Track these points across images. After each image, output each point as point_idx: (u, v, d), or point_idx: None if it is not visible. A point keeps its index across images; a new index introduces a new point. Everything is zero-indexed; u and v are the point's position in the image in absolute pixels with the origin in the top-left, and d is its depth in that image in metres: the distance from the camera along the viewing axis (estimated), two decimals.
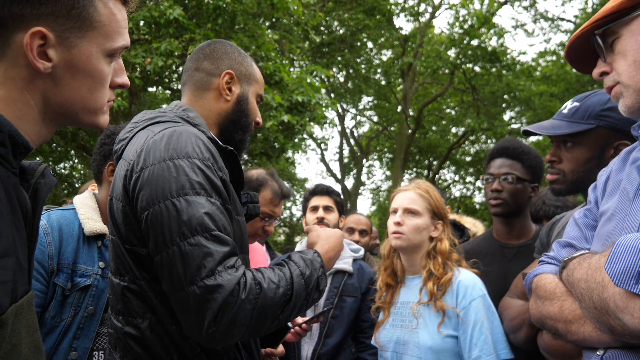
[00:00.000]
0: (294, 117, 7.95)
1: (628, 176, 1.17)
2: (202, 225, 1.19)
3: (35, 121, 0.89)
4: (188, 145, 1.27)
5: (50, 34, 0.84)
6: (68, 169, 14.61)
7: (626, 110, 1.16)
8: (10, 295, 0.77)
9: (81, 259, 1.84)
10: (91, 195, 2.03)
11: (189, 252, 1.17)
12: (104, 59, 0.92)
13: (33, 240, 0.91)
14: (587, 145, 1.68)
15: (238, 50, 1.63)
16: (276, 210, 2.52)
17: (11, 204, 0.81)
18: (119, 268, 1.35)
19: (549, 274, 1.25)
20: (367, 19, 13.44)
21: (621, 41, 1.13)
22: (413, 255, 2.05)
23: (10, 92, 0.85)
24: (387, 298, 2.08)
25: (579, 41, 1.24)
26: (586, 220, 1.29)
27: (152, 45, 7.37)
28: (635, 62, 1.10)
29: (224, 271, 1.18)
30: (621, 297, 0.95)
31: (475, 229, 3.47)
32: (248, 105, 1.59)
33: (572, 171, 1.71)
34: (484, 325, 1.82)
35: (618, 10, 1.12)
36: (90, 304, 1.81)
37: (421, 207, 2.03)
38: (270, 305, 1.23)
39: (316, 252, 1.42)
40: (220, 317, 1.16)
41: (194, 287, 1.16)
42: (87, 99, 0.92)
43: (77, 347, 1.79)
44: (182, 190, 1.21)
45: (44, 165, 0.95)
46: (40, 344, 0.89)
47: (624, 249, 0.95)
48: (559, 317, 1.14)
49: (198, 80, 1.56)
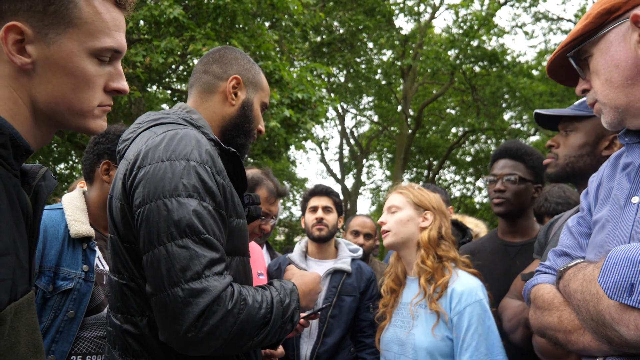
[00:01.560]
0: (295, 114, 7.95)
1: (619, 184, 1.18)
2: (191, 228, 1.19)
3: (29, 121, 0.89)
4: (187, 148, 1.27)
5: (27, 29, 0.84)
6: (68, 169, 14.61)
7: (608, 126, 1.18)
8: (10, 293, 0.77)
9: (65, 261, 1.79)
10: (80, 195, 1.99)
11: (175, 253, 1.16)
12: (87, 58, 0.90)
13: (34, 241, 0.91)
14: (584, 132, 1.74)
15: (247, 57, 1.65)
16: (272, 209, 2.52)
17: (12, 204, 0.81)
18: (117, 266, 1.35)
19: (546, 284, 1.25)
20: (367, 19, 13.44)
21: (593, 60, 1.16)
22: (408, 252, 2.05)
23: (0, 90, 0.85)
24: (390, 302, 2.09)
25: (558, 61, 1.27)
26: (580, 229, 1.29)
27: (153, 44, 7.37)
28: (607, 80, 1.12)
29: (211, 276, 1.18)
30: (616, 309, 0.95)
31: (477, 229, 3.46)
32: (252, 111, 1.61)
33: (565, 155, 1.77)
34: (477, 331, 1.81)
35: (585, 32, 1.15)
36: (70, 307, 1.76)
37: (400, 202, 2.07)
38: (251, 324, 1.23)
39: (294, 284, 1.43)
40: (201, 324, 1.14)
41: (177, 289, 1.14)
42: (71, 99, 0.90)
43: (55, 350, 1.74)
44: (175, 191, 1.21)
45: (45, 168, 0.96)
46: (40, 343, 0.89)
47: (615, 261, 0.95)
48: (558, 328, 1.14)
49: (205, 82, 1.57)
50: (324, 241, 2.76)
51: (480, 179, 20.40)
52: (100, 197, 2.00)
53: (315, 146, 21.57)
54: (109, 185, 1.98)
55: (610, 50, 1.11)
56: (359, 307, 2.66)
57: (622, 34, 1.09)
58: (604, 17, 1.11)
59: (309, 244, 2.85)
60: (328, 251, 2.79)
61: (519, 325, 1.82)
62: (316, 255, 2.79)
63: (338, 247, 2.84)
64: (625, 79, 1.09)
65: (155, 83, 9.39)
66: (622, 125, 1.16)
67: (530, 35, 23.40)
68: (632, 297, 0.91)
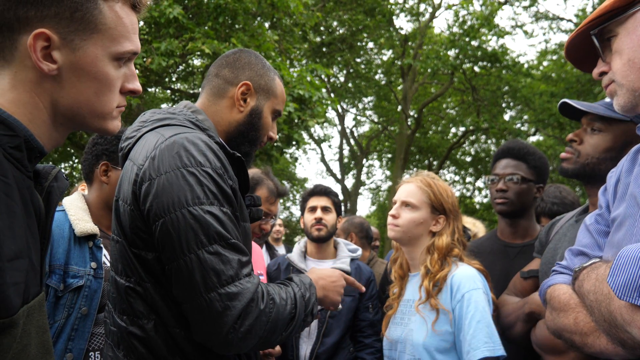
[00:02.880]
0: (295, 112, 7.95)
1: (636, 179, 1.13)
2: (219, 234, 1.22)
3: (46, 124, 0.90)
4: (201, 154, 1.28)
5: (54, 35, 0.85)
6: (68, 169, 14.61)
7: (620, 109, 1.14)
8: (22, 296, 0.78)
9: (73, 259, 1.82)
10: (80, 197, 2.01)
11: (207, 260, 1.20)
12: (110, 62, 0.92)
13: (46, 242, 0.92)
14: (613, 135, 1.66)
15: (262, 62, 1.60)
16: (272, 209, 2.53)
17: (25, 207, 0.82)
18: (125, 269, 1.35)
19: (562, 284, 1.22)
20: (367, 19, 13.44)
21: (617, 40, 1.11)
22: (412, 249, 2.02)
23: (21, 96, 0.86)
24: (397, 291, 2.06)
25: (578, 40, 1.22)
26: (598, 227, 1.25)
27: (153, 45, 7.36)
28: (630, 61, 1.08)
29: (243, 279, 1.22)
30: (627, 310, 0.92)
31: (475, 229, 3.47)
32: (261, 119, 1.56)
33: (587, 155, 1.70)
34: (474, 318, 1.77)
35: (613, 9, 1.09)
36: (83, 304, 1.80)
37: (419, 200, 1.99)
38: (281, 321, 1.28)
39: (311, 279, 1.49)
40: (239, 325, 1.19)
41: (214, 294, 1.18)
42: (94, 103, 0.92)
43: (73, 348, 1.77)
44: (197, 199, 1.23)
45: (57, 169, 0.96)
46: (50, 345, 0.90)
47: (625, 260, 0.92)
48: (574, 330, 1.11)
49: (215, 86, 1.55)
50: (323, 241, 2.76)
51: (480, 179, 20.41)
52: (100, 198, 2.01)
53: (316, 146, 21.59)
54: (107, 186, 1.99)
55: (638, 30, 1.06)
56: (358, 307, 2.66)
57: None
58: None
59: (308, 244, 2.85)
60: (327, 251, 2.79)
61: (517, 321, 1.82)
62: (315, 256, 2.79)
63: (337, 247, 2.84)
64: None
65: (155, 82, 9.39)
66: (635, 110, 1.12)
67: (530, 34, 23.39)
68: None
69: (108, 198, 1.98)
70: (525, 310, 1.78)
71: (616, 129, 1.65)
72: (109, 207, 1.95)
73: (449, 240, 1.96)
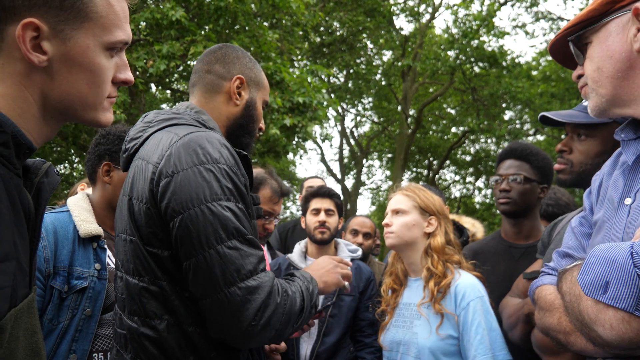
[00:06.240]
0: (294, 117, 7.95)
1: (614, 183, 1.18)
2: (237, 230, 1.25)
3: (36, 118, 0.86)
4: (216, 151, 1.31)
5: (43, 25, 0.81)
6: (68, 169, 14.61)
7: (591, 111, 1.19)
8: (9, 300, 0.76)
9: (77, 261, 1.82)
10: (84, 197, 2.01)
11: (227, 255, 1.22)
12: (102, 52, 0.89)
13: (35, 241, 0.90)
14: (600, 139, 1.68)
15: (248, 56, 1.66)
16: (276, 208, 2.54)
17: (13, 206, 0.79)
18: (138, 268, 1.34)
19: (549, 285, 1.26)
20: (368, 20, 13.43)
21: (591, 47, 1.16)
22: (410, 254, 2.07)
23: (9, 89, 0.83)
24: (391, 301, 2.10)
25: (560, 44, 1.27)
26: (582, 229, 1.29)
27: (154, 47, 7.34)
28: (599, 68, 1.13)
29: (260, 273, 1.25)
30: (592, 308, 0.96)
31: (474, 229, 3.48)
32: (256, 110, 1.62)
33: (580, 163, 1.72)
34: (480, 325, 1.83)
35: (588, 18, 1.15)
36: (87, 306, 1.80)
37: (407, 205, 2.08)
38: (293, 313, 1.32)
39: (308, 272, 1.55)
40: (259, 317, 1.23)
41: (234, 288, 1.21)
42: (86, 94, 0.89)
43: (76, 349, 1.77)
44: (215, 195, 1.25)
45: (48, 164, 0.93)
46: (39, 347, 0.87)
47: (594, 259, 0.96)
48: (558, 329, 1.15)
49: (209, 82, 1.57)
50: (326, 243, 2.78)
51: (480, 179, 20.41)
52: (103, 198, 2.01)
53: (315, 146, 21.59)
54: (110, 187, 1.99)
55: (608, 41, 1.11)
56: (358, 307, 2.68)
57: (622, 26, 1.09)
58: (608, 6, 1.11)
59: (309, 244, 2.86)
60: (327, 252, 2.81)
61: (518, 322, 1.83)
62: (316, 256, 2.81)
63: (337, 248, 2.85)
64: (616, 70, 1.10)
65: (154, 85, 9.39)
66: (605, 113, 1.17)
67: (531, 35, 23.37)
68: (607, 294, 0.92)
69: (111, 198, 1.98)
70: (524, 312, 1.79)
71: (602, 131, 1.67)
72: (112, 208, 1.96)
73: (443, 240, 2.02)
